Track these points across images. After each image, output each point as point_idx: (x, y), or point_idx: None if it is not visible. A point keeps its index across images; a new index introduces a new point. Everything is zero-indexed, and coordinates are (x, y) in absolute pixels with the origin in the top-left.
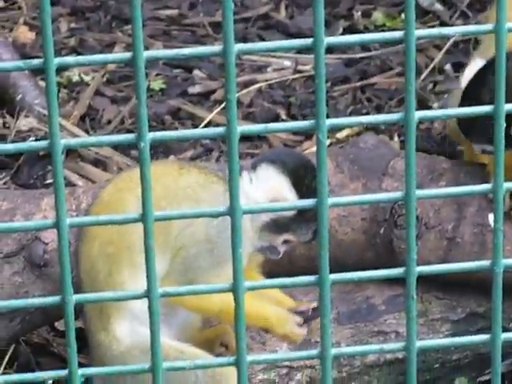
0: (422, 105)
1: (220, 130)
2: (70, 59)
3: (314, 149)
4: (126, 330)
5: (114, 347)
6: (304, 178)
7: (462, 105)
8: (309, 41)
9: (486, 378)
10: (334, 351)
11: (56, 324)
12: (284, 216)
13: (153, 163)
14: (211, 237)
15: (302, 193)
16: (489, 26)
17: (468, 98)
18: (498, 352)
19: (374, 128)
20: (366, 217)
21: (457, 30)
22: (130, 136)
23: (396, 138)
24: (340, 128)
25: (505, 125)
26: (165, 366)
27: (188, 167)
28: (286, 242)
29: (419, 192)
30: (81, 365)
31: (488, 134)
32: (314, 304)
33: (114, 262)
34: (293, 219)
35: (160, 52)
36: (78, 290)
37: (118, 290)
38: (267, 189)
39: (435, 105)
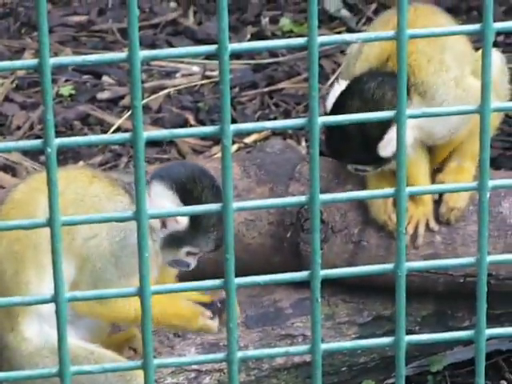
0: None
1: (126, 135)
2: None
3: None
4: (35, 331)
5: (23, 348)
6: (192, 192)
7: (327, 132)
8: (213, 47)
9: (393, 380)
10: (239, 354)
11: None
12: (178, 230)
13: (68, 168)
14: (115, 251)
15: (193, 216)
16: (390, 33)
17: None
18: (402, 354)
19: (281, 133)
20: (273, 221)
21: (359, 37)
22: (37, 142)
23: (303, 143)
24: (245, 133)
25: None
26: (72, 370)
27: (100, 176)
28: (190, 253)
29: (323, 196)
30: None
31: (355, 155)
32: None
33: (20, 260)
34: (187, 232)
35: (66, 58)
36: None
37: (23, 289)
38: (159, 206)
39: None
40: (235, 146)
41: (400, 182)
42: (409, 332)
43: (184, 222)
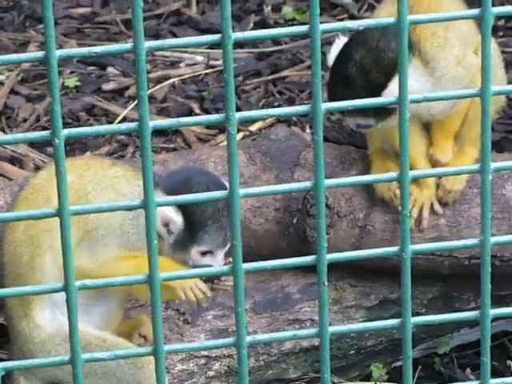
0: None
1: (133, 125)
2: None
3: None
4: (48, 318)
5: (35, 335)
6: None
7: (330, 81)
8: (217, 36)
9: (401, 363)
10: (248, 339)
11: None
12: (177, 234)
13: (89, 157)
14: (124, 227)
15: (187, 213)
16: (391, 20)
17: (336, 74)
18: (408, 336)
19: (286, 120)
20: (280, 207)
21: (360, 24)
22: (45, 133)
23: (308, 130)
24: (250, 121)
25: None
26: (84, 358)
27: (120, 164)
28: (204, 253)
29: (328, 181)
30: (2, 360)
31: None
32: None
33: (37, 245)
34: (186, 230)
35: (72, 50)
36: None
37: (38, 274)
38: (158, 213)
39: None
40: (240, 134)
41: (403, 167)
42: (415, 315)
43: (179, 220)
